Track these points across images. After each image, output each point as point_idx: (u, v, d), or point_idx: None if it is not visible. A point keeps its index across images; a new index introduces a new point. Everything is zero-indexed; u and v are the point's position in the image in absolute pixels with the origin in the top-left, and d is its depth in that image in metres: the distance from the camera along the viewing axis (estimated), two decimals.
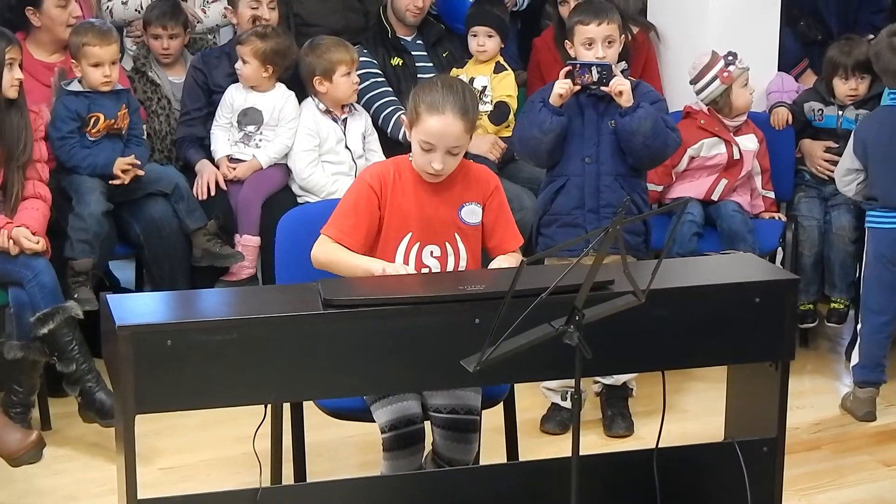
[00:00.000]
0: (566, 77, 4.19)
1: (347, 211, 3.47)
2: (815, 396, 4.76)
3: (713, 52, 5.04)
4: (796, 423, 4.36)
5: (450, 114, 3.38)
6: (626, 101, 4.16)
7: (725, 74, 4.99)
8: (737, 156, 5.03)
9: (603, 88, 4.17)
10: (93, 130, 4.66)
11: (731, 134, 5.05)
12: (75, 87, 4.66)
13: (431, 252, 3.50)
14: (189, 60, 5.34)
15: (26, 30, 4.87)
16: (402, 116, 3.51)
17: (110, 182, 4.63)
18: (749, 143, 5.09)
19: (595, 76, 4.16)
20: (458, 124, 3.39)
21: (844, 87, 5.18)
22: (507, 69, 5.37)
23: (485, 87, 5.33)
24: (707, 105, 5.05)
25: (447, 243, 3.50)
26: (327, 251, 3.42)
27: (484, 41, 5.34)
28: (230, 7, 5.33)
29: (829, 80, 5.23)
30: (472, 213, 3.52)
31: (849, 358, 4.83)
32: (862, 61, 5.11)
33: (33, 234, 4.21)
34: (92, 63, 4.61)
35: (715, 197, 5.03)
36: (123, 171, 4.65)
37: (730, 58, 5.00)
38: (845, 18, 5.88)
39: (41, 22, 4.86)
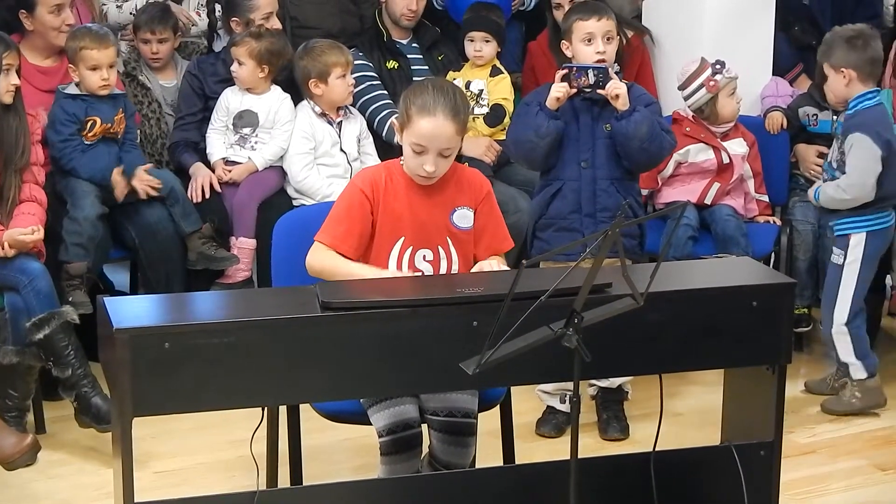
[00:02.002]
0: (562, 80, 4.19)
1: (340, 217, 3.46)
2: (810, 400, 4.76)
3: (702, 59, 5.01)
4: (791, 427, 4.35)
5: (441, 115, 3.37)
6: (623, 104, 4.15)
7: (711, 84, 4.97)
8: (726, 160, 5.02)
9: (599, 91, 4.16)
10: (89, 134, 4.66)
11: (719, 139, 5.04)
12: (72, 90, 4.66)
13: (424, 256, 3.49)
14: (180, 64, 5.33)
15: (22, 32, 4.85)
16: (395, 121, 3.50)
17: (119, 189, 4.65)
18: (738, 147, 5.08)
19: (591, 79, 4.15)
20: (449, 126, 3.38)
21: None
22: (503, 72, 5.37)
23: (481, 91, 5.33)
24: (693, 112, 5.05)
25: (440, 247, 3.50)
26: (321, 259, 3.42)
27: (481, 46, 5.35)
28: (237, 18, 5.21)
29: (822, 86, 5.23)
30: (463, 218, 3.51)
31: None
32: None
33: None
34: (90, 66, 4.60)
35: (708, 200, 5.03)
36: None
37: (717, 66, 4.97)
38: (839, 23, 5.86)
39: (33, 26, 4.84)
